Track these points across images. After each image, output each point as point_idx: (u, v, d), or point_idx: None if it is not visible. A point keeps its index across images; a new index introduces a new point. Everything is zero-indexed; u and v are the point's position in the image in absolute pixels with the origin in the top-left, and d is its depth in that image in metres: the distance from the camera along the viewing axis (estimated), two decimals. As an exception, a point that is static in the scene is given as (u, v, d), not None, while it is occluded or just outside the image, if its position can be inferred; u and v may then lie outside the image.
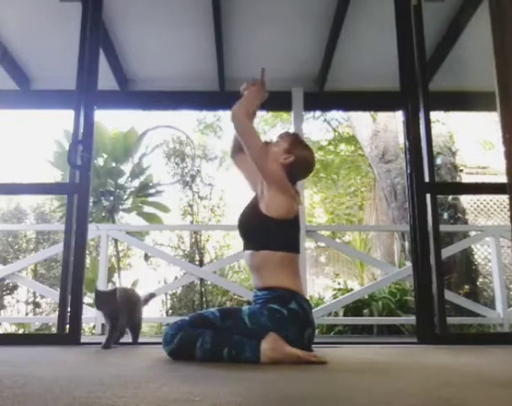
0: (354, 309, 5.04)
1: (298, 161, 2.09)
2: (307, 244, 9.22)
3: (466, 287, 5.67)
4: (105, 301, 2.36)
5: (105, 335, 2.46)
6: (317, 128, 11.37)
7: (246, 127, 2.06)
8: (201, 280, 6.75)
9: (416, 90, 3.02)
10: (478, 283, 6.27)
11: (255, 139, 2.05)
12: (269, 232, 1.98)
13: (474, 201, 7.72)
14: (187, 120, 11.87)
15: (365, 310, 5.05)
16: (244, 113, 2.07)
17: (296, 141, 2.16)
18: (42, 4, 3.48)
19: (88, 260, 6.73)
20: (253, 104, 2.16)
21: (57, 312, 2.80)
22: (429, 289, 2.79)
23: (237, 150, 2.25)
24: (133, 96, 4.35)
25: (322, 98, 4.37)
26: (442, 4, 3.46)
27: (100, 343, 2.43)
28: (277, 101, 4.28)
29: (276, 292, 1.92)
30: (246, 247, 2.07)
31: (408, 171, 2.96)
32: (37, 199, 8.70)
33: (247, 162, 2.15)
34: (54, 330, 3.63)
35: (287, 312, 1.86)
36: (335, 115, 10.80)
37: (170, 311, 7.35)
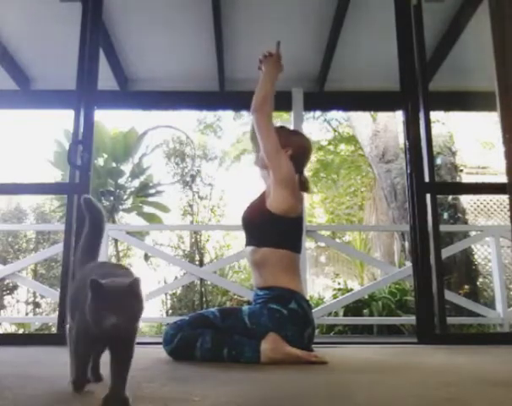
0: (354, 309, 5.04)
1: (297, 152, 2.11)
2: (307, 244, 9.21)
3: (466, 287, 5.67)
4: (124, 305, 0.99)
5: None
6: (317, 128, 11.37)
7: (264, 126, 2.06)
8: (201, 280, 6.75)
9: (416, 90, 3.02)
10: (478, 283, 6.27)
11: (271, 139, 2.04)
12: (271, 228, 1.98)
13: (474, 201, 7.72)
14: (187, 120, 11.90)
15: (365, 310, 5.05)
16: (264, 97, 2.09)
17: (286, 133, 2.17)
18: (42, 4, 3.48)
19: (88, 260, 6.73)
20: (271, 79, 2.17)
21: (57, 312, 2.80)
22: (429, 289, 2.79)
23: (254, 133, 2.24)
24: (133, 96, 4.35)
25: (322, 98, 4.37)
26: (442, 4, 3.46)
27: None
28: (277, 101, 4.23)
29: (276, 291, 1.92)
30: (248, 242, 2.08)
31: (408, 171, 2.96)
32: (37, 199, 8.70)
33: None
34: (54, 330, 3.63)
35: (287, 312, 1.86)
36: (335, 115, 10.82)
37: (170, 311, 7.36)
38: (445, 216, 6.35)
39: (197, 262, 7.63)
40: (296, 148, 2.10)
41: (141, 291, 1.04)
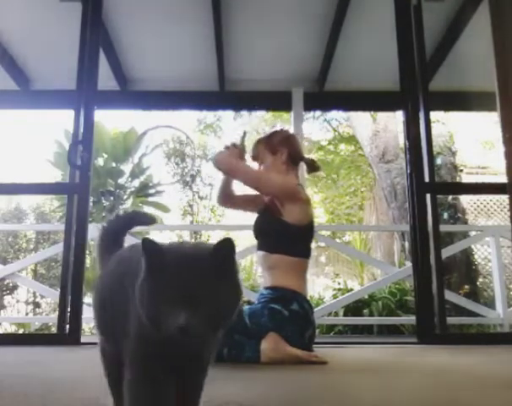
0: (354, 309, 5.04)
1: (289, 147, 2.16)
2: (307, 244, 9.19)
3: (466, 287, 5.66)
4: (204, 290, 0.57)
5: None
6: (317, 128, 11.37)
7: (233, 165, 2.09)
8: (201, 280, 6.75)
9: (416, 90, 3.02)
10: (478, 283, 6.27)
11: (247, 171, 2.09)
12: (285, 237, 2.01)
13: (474, 201, 7.72)
14: (187, 120, 11.88)
15: (365, 310, 5.05)
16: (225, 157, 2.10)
17: (267, 142, 2.18)
18: (42, 4, 3.48)
19: (88, 260, 6.74)
20: (230, 163, 2.11)
21: (57, 312, 2.80)
22: (429, 289, 2.79)
23: (224, 196, 2.29)
24: (133, 95, 4.35)
25: (322, 98, 4.37)
26: (442, 4, 3.46)
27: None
28: (277, 101, 4.28)
29: (280, 292, 1.93)
30: (260, 247, 2.10)
31: (408, 171, 2.96)
32: (37, 199, 8.69)
33: (236, 199, 2.26)
34: (54, 330, 3.63)
35: (288, 313, 1.86)
36: (335, 115, 10.81)
37: (170, 311, 7.35)
38: (445, 216, 6.35)
39: (197, 262, 7.62)
40: (286, 145, 2.14)
41: (236, 263, 0.61)
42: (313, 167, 2.24)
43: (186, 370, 0.64)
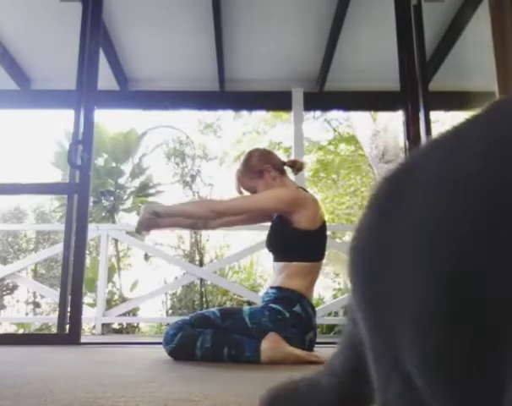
0: (354, 309, 5.04)
1: (270, 162, 2.13)
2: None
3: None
4: None
5: None
6: (317, 128, 11.37)
7: (230, 207, 2.10)
8: (201, 280, 6.76)
9: (416, 90, 3.02)
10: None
11: (240, 204, 2.10)
12: (301, 244, 2.00)
13: (474, 201, 7.72)
14: (187, 120, 11.88)
15: (365, 310, 5.05)
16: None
17: (248, 169, 2.17)
18: (42, 4, 3.48)
19: (88, 260, 6.74)
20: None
21: (57, 312, 2.80)
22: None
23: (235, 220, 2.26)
24: (133, 95, 4.36)
25: (322, 98, 4.37)
26: (442, 4, 3.46)
27: (100, 344, 2.41)
28: (277, 101, 4.29)
29: (284, 293, 1.93)
30: (276, 259, 2.08)
31: (408, 171, 2.96)
32: (37, 199, 8.70)
33: (249, 215, 2.21)
34: (54, 330, 3.63)
35: (289, 314, 1.86)
36: (335, 115, 10.81)
37: (170, 311, 7.36)
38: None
39: (197, 262, 7.63)
40: (266, 161, 2.13)
41: None
42: (295, 167, 2.21)
43: None
